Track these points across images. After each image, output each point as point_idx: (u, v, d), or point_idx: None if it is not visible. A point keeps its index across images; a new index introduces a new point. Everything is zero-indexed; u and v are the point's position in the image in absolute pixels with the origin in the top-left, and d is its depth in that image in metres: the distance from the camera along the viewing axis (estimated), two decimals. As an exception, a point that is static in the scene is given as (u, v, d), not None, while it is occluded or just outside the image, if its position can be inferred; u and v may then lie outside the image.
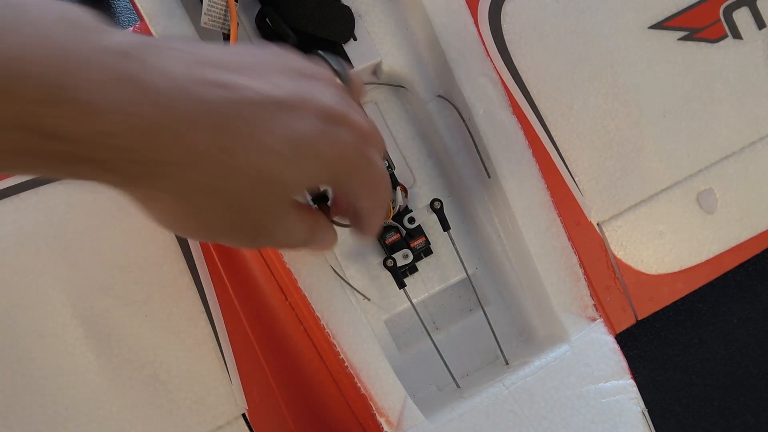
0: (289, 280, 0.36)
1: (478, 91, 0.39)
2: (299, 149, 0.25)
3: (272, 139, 0.24)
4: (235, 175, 0.24)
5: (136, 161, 0.22)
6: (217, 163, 0.23)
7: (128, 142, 0.21)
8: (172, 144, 0.22)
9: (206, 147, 0.23)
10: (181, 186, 0.23)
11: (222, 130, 0.23)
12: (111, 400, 0.37)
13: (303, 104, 0.25)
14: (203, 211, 0.25)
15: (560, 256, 0.39)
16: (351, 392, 0.36)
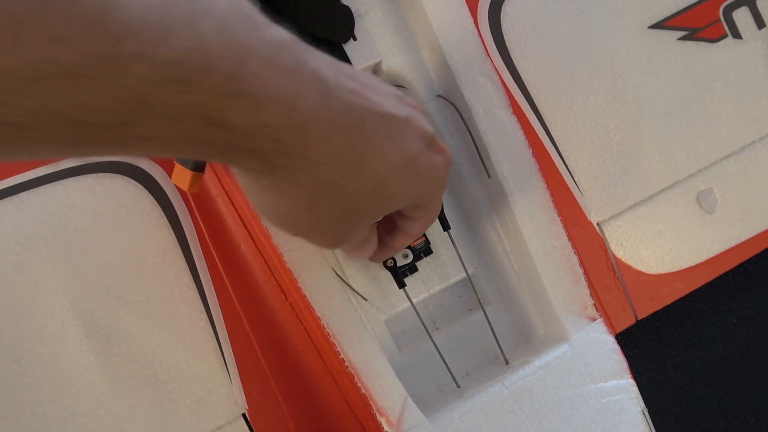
0: (289, 280, 0.36)
1: (477, 91, 0.39)
2: (408, 166, 0.27)
3: (392, 152, 0.26)
4: (359, 179, 0.26)
5: (285, 153, 0.23)
6: (349, 164, 0.25)
7: (284, 135, 0.22)
8: (319, 142, 0.23)
9: (344, 148, 0.24)
10: (313, 181, 0.25)
11: (358, 135, 0.25)
12: (111, 400, 0.37)
13: (413, 126, 0.27)
14: (318, 208, 0.26)
15: (560, 256, 0.39)
16: (351, 392, 0.36)
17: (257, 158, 0.23)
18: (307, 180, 0.25)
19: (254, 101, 0.21)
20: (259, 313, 0.40)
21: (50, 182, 0.38)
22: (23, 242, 0.37)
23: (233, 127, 0.21)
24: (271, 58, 0.21)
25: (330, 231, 0.28)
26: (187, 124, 0.20)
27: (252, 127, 0.21)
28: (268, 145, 0.22)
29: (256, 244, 0.38)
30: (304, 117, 0.22)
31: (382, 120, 0.26)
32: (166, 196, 0.39)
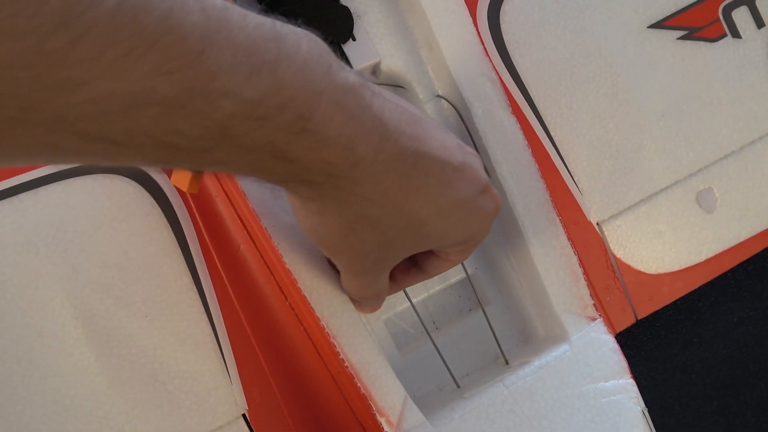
0: (289, 280, 0.36)
1: (477, 91, 0.39)
2: (455, 211, 0.28)
3: (440, 196, 0.28)
4: (401, 215, 0.27)
5: (336, 186, 0.25)
6: (394, 202, 0.26)
7: (338, 171, 0.24)
8: (369, 180, 0.25)
9: (391, 189, 0.26)
10: (356, 214, 0.26)
11: (407, 177, 0.26)
12: (111, 401, 0.37)
13: (467, 173, 0.29)
14: (356, 236, 0.28)
15: (560, 256, 0.39)
16: (351, 392, 0.36)
17: (310, 187, 0.25)
18: (351, 212, 0.26)
19: (318, 139, 0.22)
20: (259, 314, 0.40)
21: (50, 183, 0.38)
22: (23, 242, 0.37)
23: (296, 161, 0.23)
24: (339, 100, 0.23)
25: (360, 258, 0.30)
26: (258, 155, 0.22)
27: (312, 161, 0.23)
28: (322, 178, 0.24)
29: (255, 245, 0.38)
30: (359, 157, 0.24)
31: (435, 164, 0.27)
32: (166, 197, 0.39)
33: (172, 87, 0.19)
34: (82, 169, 0.39)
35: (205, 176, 0.36)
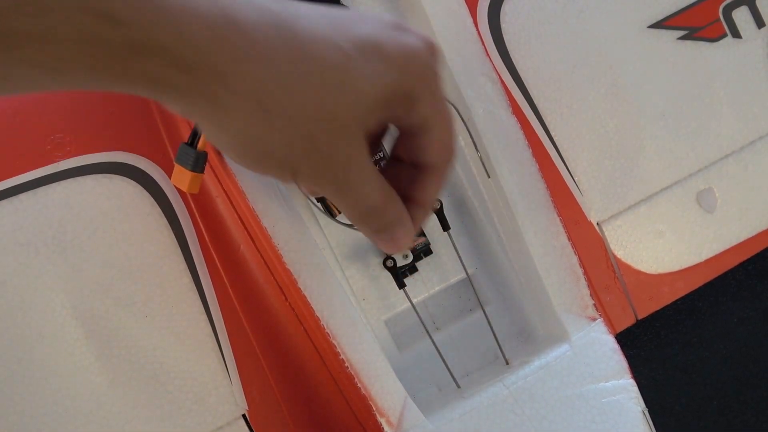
0: (289, 280, 0.36)
1: (477, 91, 0.39)
2: (365, 47, 0.24)
3: (339, 38, 0.24)
4: (312, 72, 0.23)
5: (210, 66, 0.21)
6: (293, 62, 0.23)
7: (188, 35, 0.21)
8: (245, 44, 0.22)
9: (278, 44, 0.22)
10: (256, 92, 0.23)
11: (288, 31, 0.23)
12: (111, 401, 0.37)
13: (362, 15, 0.25)
14: (273, 123, 0.23)
15: (560, 256, 0.39)
16: (351, 392, 0.36)
17: (182, 74, 0.21)
18: (250, 92, 0.22)
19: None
20: (259, 314, 0.40)
21: (50, 183, 0.38)
22: (23, 243, 0.37)
23: (128, 22, 0.20)
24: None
25: (306, 160, 0.24)
26: (65, 14, 0.19)
27: (150, 21, 0.20)
28: (173, 43, 0.21)
29: (256, 245, 0.38)
30: (213, 19, 0.21)
31: (320, 15, 0.23)
32: (166, 197, 0.39)
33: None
34: (82, 169, 0.39)
35: (206, 176, 0.36)
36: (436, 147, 0.27)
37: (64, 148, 0.39)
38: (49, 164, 0.38)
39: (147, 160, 0.39)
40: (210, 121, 0.24)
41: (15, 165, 0.38)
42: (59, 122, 0.39)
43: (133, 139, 0.40)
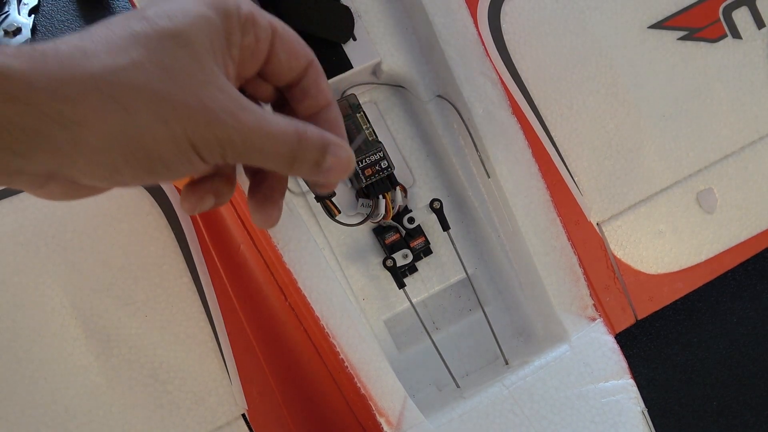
0: (289, 280, 0.36)
1: (477, 91, 0.39)
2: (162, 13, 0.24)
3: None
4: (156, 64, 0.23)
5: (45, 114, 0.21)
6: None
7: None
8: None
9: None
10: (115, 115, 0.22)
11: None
12: (111, 400, 0.37)
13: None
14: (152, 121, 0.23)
15: (560, 256, 0.39)
16: (351, 392, 0.36)
17: (10, 101, 0.21)
18: (111, 122, 0.22)
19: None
20: (259, 314, 0.40)
21: (50, 182, 0.38)
22: (23, 242, 0.37)
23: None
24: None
25: (180, 127, 0.23)
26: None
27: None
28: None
29: (255, 245, 0.38)
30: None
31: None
32: (166, 197, 0.39)
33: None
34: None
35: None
36: (292, 52, 0.27)
37: (64, 148, 0.39)
38: (49, 164, 0.38)
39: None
40: (77, 151, 0.23)
41: (15, 165, 0.38)
42: (59, 122, 0.39)
43: (133, 138, 0.40)
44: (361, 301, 0.40)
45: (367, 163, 0.38)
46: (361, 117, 0.39)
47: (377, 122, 0.41)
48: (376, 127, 0.40)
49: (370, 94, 0.41)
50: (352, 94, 0.40)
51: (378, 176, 0.38)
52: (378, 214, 0.39)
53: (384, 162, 0.38)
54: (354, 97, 0.40)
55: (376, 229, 0.40)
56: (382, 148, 0.39)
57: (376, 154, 0.38)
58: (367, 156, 0.38)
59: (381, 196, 0.38)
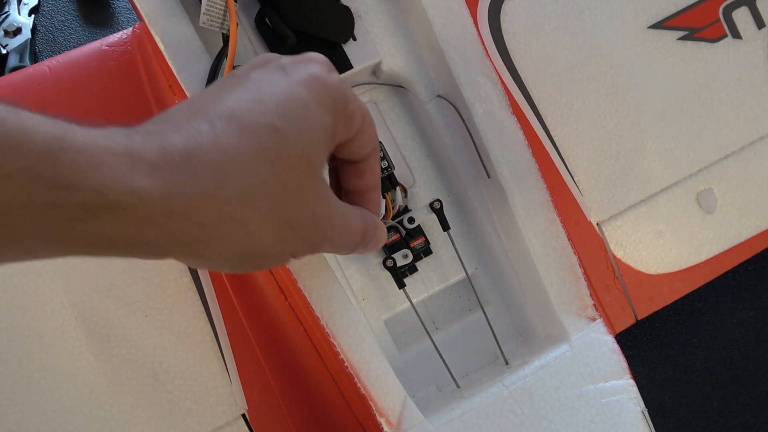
0: (289, 280, 0.36)
1: (477, 91, 0.39)
2: (288, 108, 0.24)
3: (248, 114, 0.24)
4: (261, 180, 0.24)
5: (149, 218, 0.21)
6: (232, 177, 0.23)
7: (140, 192, 0.21)
8: (187, 187, 0.22)
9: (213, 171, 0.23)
10: (220, 224, 0.23)
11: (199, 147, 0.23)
12: (111, 401, 0.37)
13: (253, 76, 0.26)
14: (259, 234, 0.24)
15: (560, 256, 0.39)
16: (351, 392, 0.36)
17: (144, 223, 0.21)
18: (218, 218, 0.23)
19: (89, 156, 0.20)
20: (259, 314, 0.40)
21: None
22: (23, 242, 0.37)
23: (77, 185, 0.20)
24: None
25: (288, 236, 0.25)
26: (19, 184, 0.19)
27: (98, 180, 0.20)
28: (134, 198, 0.21)
29: (255, 245, 0.38)
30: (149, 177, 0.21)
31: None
32: (166, 197, 0.39)
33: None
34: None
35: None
36: (366, 142, 0.29)
37: (64, 148, 0.39)
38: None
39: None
40: (193, 259, 0.24)
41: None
42: (59, 122, 0.39)
43: (133, 138, 0.40)
44: (361, 301, 0.40)
45: None
46: (361, 117, 0.39)
47: (377, 122, 0.41)
48: (377, 126, 0.40)
49: (370, 94, 0.41)
50: (352, 94, 0.40)
51: (378, 176, 0.38)
52: (378, 214, 0.39)
53: (384, 162, 0.38)
54: (354, 97, 0.40)
55: (376, 229, 0.40)
56: (382, 148, 0.39)
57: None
58: (367, 156, 0.38)
59: (381, 196, 0.38)
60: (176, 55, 0.35)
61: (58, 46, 0.65)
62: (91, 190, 0.20)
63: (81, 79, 0.40)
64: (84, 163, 0.20)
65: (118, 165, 0.20)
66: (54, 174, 0.19)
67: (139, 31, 0.41)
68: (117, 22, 0.66)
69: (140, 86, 0.40)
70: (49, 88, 0.40)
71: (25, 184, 0.19)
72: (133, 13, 0.66)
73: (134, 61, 0.41)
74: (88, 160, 0.20)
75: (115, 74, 0.40)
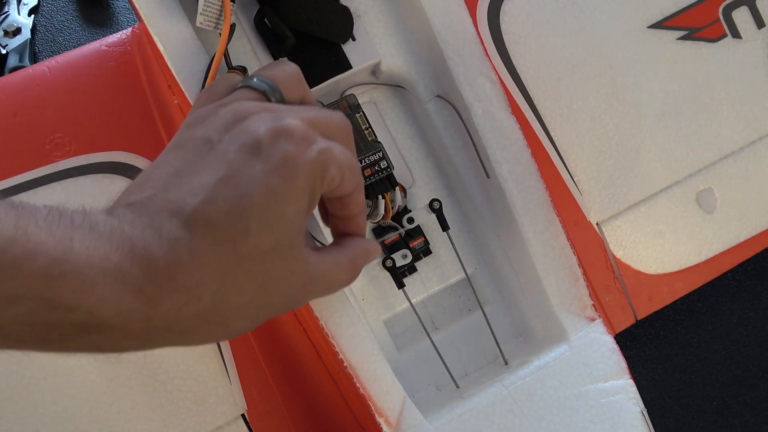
0: (288, 280, 0.36)
1: (476, 91, 0.39)
2: (275, 170, 0.25)
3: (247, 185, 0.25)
4: (244, 266, 0.25)
5: (138, 331, 0.23)
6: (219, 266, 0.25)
7: (125, 303, 0.23)
8: (167, 299, 0.24)
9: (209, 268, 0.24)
10: (203, 319, 0.25)
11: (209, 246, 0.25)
12: (111, 401, 0.37)
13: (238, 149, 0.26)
14: (248, 312, 0.26)
15: (559, 256, 0.39)
16: (350, 392, 0.36)
17: (124, 336, 0.23)
18: (199, 314, 0.24)
19: (84, 279, 0.22)
20: (259, 314, 0.40)
21: (50, 183, 0.38)
22: (23, 243, 0.37)
23: (74, 307, 0.22)
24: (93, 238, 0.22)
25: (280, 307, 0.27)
26: (25, 308, 0.21)
27: (91, 303, 0.22)
28: (117, 317, 0.23)
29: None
30: (138, 284, 0.23)
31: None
32: (166, 197, 0.39)
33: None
34: (81, 169, 0.39)
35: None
36: (347, 187, 0.29)
37: (64, 148, 0.39)
38: (48, 164, 0.38)
39: (147, 159, 0.39)
40: (179, 344, 0.26)
41: (15, 165, 0.38)
42: (59, 122, 0.39)
43: (133, 138, 0.40)
44: (361, 301, 0.40)
45: (366, 164, 0.38)
46: (360, 117, 0.39)
47: (377, 122, 0.41)
48: (376, 127, 0.40)
49: (369, 94, 0.41)
50: (351, 94, 0.40)
51: (377, 176, 0.38)
52: (377, 214, 0.39)
53: (383, 162, 0.39)
54: (353, 97, 0.40)
55: (375, 230, 0.40)
56: (382, 149, 0.39)
57: (376, 154, 0.38)
58: (366, 156, 0.38)
59: (380, 196, 0.38)
60: (175, 56, 0.35)
61: (57, 46, 0.65)
62: (85, 311, 0.22)
63: (80, 79, 0.40)
64: (81, 286, 0.22)
65: (109, 286, 0.22)
66: (55, 297, 0.21)
67: (138, 31, 0.41)
68: (116, 23, 0.66)
69: (139, 86, 0.40)
70: (48, 89, 0.40)
71: (30, 306, 0.21)
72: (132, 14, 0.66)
73: (133, 61, 0.41)
74: (84, 282, 0.22)
75: (114, 74, 0.41)
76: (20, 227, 0.21)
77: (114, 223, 0.23)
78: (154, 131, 0.40)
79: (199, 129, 0.27)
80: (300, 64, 0.32)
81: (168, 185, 0.25)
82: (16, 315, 0.21)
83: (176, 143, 0.27)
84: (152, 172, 0.26)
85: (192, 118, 0.28)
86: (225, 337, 0.27)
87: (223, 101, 0.28)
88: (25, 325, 0.22)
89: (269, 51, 0.38)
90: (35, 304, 0.21)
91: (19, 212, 0.22)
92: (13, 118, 0.39)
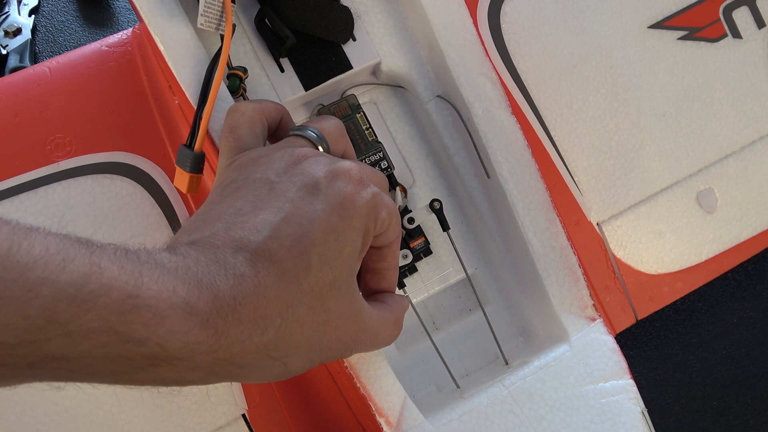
0: (289, 280, 0.36)
1: (477, 91, 0.39)
2: (329, 221, 0.27)
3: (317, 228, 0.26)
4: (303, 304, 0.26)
5: (206, 351, 0.24)
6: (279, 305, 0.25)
7: (196, 336, 0.23)
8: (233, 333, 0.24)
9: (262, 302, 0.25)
10: (262, 354, 0.25)
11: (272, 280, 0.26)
12: (111, 401, 0.37)
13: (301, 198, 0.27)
14: (300, 354, 0.27)
15: (560, 256, 0.39)
16: (350, 392, 0.36)
17: (190, 369, 0.24)
18: (258, 349, 0.25)
19: (155, 312, 0.22)
20: (259, 314, 0.40)
21: (50, 183, 0.38)
22: (23, 243, 0.37)
23: (144, 340, 0.22)
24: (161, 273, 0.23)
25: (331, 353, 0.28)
26: (97, 341, 0.22)
27: (160, 336, 0.23)
28: (186, 349, 0.23)
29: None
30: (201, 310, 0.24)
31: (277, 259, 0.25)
32: (166, 197, 0.39)
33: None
34: (82, 169, 0.39)
35: (206, 177, 0.36)
36: (390, 235, 0.30)
37: (64, 149, 0.39)
38: (49, 164, 0.38)
39: (147, 160, 0.40)
40: (239, 379, 0.26)
41: (15, 165, 0.38)
42: (59, 122, 0.39)
43: (133, 139, 0.40)
44: (361, 301, 0.40)
45: (367, 164, 0.38)
46: (360, 117, 0.39)
47: (377, 122, 0.41)
48: (376, 127, 0.40)
49: (369, 95, 0.41)
50: (351, 94, 0.40)
51: (378, 176, 0.38)
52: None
53: (384, 162, 0.39)
54: (354, 97, 0.40)
55: (375, 230, 0.40)
56: (382, 149, 0.39)
57: (376, 154, 0.38)
58: (367, 156, 0.38)
59: None
60: (176, 56, 0.35)
61: (58, 46, 0.65)
62: (155, 344, 0.23)
63: (81, 79, 0.40)
64: (151, 320, 0.22)
65: (178, 319, 0.23)
66: (127, 330, 0.22)
67: (138, 31, 0.41)
68: (117, 23, 0.66)
69: (140, 87, 0.40)
70: (49, 89, 0.40)
71: (103, 339, 0.22)
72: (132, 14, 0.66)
73: (134, 61, 0.41)
74: (155, 316, 0.22)
75: (114, 75, 0.41)
76: (94, 263, 0.22)
77: (179, 260, 0.24)
78: (154, 131, 0.40)
79: (255, 170, 0.28)
80: (300, 64, 0.32)
81: (229, 223, 0.26)
82: (89, 348, 0.22)
83: (230, 183, 0.28)
84: (209, 211, 0.27)
85: (243, 161, 0.29)
86: (282, 376, 0.27)
87: (275, 146, 0.29)
88: (98, 358, 0.22)
89: (269, 51, 0.38)
90: (108, 338, 0.22)
91: (91, 248, 0.22)
92: (14, 118, 0.39)
